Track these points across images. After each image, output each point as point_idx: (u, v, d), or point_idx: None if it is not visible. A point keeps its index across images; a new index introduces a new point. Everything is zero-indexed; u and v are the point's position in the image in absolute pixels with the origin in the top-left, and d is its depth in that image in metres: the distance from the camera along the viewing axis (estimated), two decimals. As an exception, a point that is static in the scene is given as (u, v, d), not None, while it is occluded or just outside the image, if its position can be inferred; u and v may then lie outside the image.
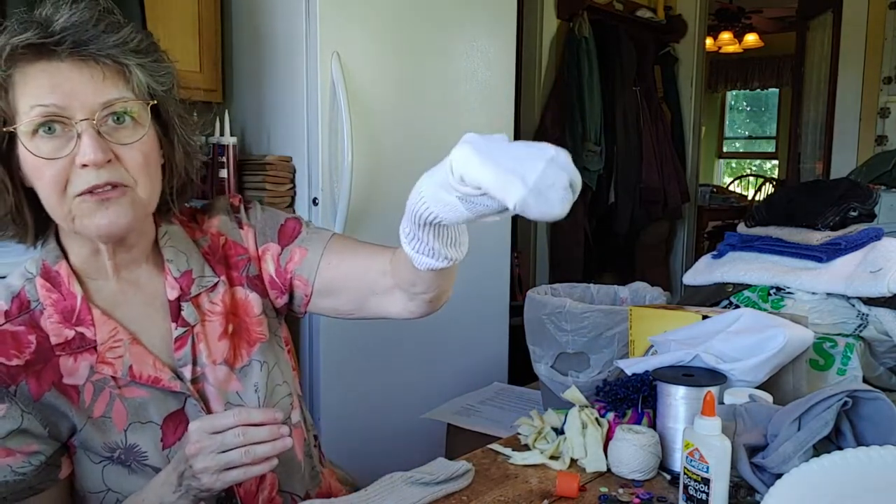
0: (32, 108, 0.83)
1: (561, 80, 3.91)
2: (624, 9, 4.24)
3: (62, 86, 0.83)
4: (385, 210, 2.17)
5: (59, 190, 0.85)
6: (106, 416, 0.91)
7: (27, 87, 0.84)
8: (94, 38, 0.85)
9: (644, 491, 1.00)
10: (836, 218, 1.48)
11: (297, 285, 1.05)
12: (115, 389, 0.91)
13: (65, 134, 0.84)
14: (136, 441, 0.92)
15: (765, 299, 1.46)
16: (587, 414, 1.13)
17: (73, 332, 0.90)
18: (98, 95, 0.85)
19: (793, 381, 1.17)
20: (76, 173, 0.85)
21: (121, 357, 0.92)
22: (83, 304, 0.92)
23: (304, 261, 1.05)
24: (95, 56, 0.85)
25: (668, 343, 1.20)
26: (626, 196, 4.22)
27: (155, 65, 0.91)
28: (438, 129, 2.33)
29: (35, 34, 0.83)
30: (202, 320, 0.98)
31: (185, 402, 0.95)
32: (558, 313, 1.38)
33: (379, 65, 2.15)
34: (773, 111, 9.22)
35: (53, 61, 0.84)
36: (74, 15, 0.85)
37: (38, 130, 0.84)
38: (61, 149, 0.84)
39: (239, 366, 0.99)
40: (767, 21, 7.72)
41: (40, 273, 0.92)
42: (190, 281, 0.98)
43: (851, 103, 4.38)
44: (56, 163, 0.84)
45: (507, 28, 2.55)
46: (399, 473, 0.98)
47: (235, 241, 1.05)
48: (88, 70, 0.85)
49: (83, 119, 0.84)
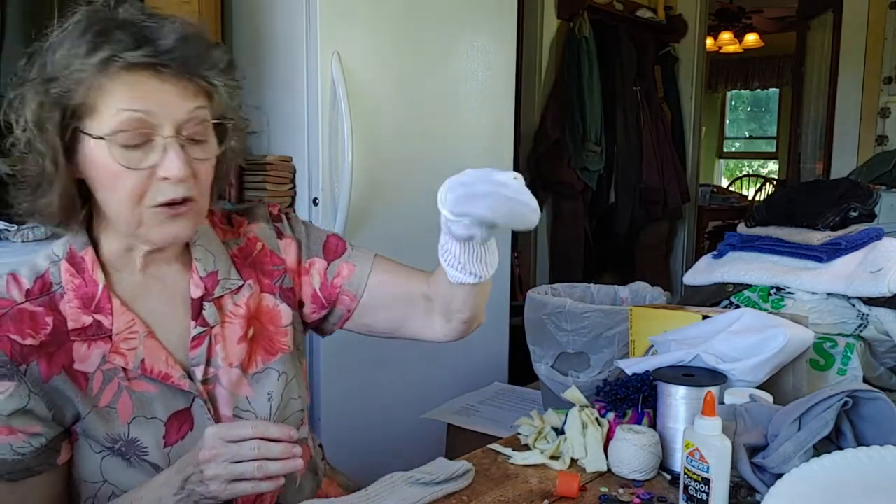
0: (119, 111, 0.84)
1: (561, 81, 3.90)
2: (624, 9, 4.23)
3: (153, 95, 0.85)
4: (385, 210, 2.17)
5: (135, 199, 0.87)
6: (111, 406, 0.91)
7: (116, 92, 0.84)
8: (194, 58, 0.87)
9: (644, 491, 1.00)
10: (836, 218, 1.48)
11: (343, 300, 1.08)
12: (123, 381, 0.92)
13: (147, 145, 0.86)
14: (139, 435, 0.92)
15: (765, 299, 1.46)
16: (587, 414, 1.13)
17: (91, 318, 0.91)
18: (184, 111, 0.87)
19: (793, 381, 1.17)
20: (156, 185, 0.87)
21: (134, 349, 0.92)
22: (104, 292, 0.92)
23: (352, 276, 1.08)
24: (191, 74, 0.87)
25: (669, 343, 1.20)
26: (627, 196, 4.22)
27: (234, 83, 0.94)
28: (438, 130, 2.33)
29: (145, 53, 0.84)
30: (222, 322, 0.98)
31: (193, 402, 0.95)
32: (558, 313, 1.38)
33: (379, 65, 2.14)
34: (773, 111, 9.22)
35: (148, 73, 0.85)
36: (176, 34, 0.86)
37: (124, 138, 0.85)
38: (143, 160, 0.86)
39: (252, 371, 1.00)
40: (767, 21, 7.72)
41: (66, 257, 0.93)
42: (215, 282, 0.99)
43: (851, 103, 4.38)
44: (137, 173, 0.86)
45: (507, 28, 2.55)
46: (399, 473, 0.98)
47: (273, 251, 1.06)
48: (179, 86, 0.87)
49: (169, 134, 0.86)
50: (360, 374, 2.17)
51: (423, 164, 2.28)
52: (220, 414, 0.96)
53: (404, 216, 2.22)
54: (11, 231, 1.62)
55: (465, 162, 2.68)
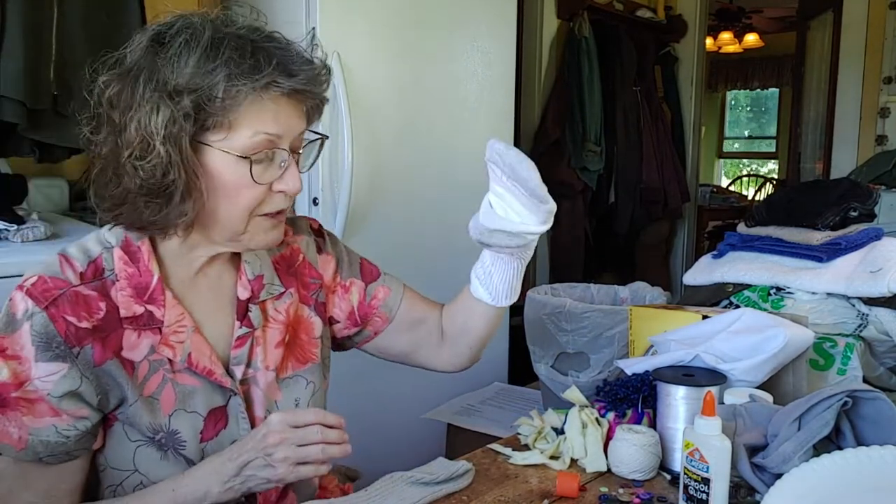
0: (257, 133, 0.88)
1: (561, 80, 3.90)
2: (624, 9, 4.23)
3: (282, 116, 0.90)
4: (385, 210, 2.17)
5: (250, 209, 0.91)
6: (155, 397, 0.92)
7: (256, 115, 0.87)
8: (318, 82, 0.93)
9: (644, 491, 1.00)
10: (836, 218, 1.48)
11: (375, 322, 1.14)
12: (168, 373, 0.93)
13: (268, 159, 0.90)
14: (179, 428, 0.93)
15: (765, 299, 1.46)
16: (587, 414, 1.13)
17: (143, 308, 0.92)
18: (300, 128, 0.94)
19: (793, 381, 1.17)
20: (270, 196, 0.92)
21: (182, 343, 0.93)
22: (158, 283, 0.93)
23: (386, 299, 1.15)
24: (309, 95, 0.92)
25: (668, 343, 1.20)
26: (626, 196, 4.22)
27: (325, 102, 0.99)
28: (439, 129, 2.33)
29: (300, 81, 0.88)
30: (264, 325, 1.01)
31: (229, 400, 0.97)
32: (558, 313, 1.38)
33: (379, 65, 2.15)
34: (773, 111, 9.22)
35: (289, 100, 0.90)
36: (311, 68, 0.91)
37: (256, 156, 0.89)
38: (265, 174, 0.90)
39: (283, 376, 1.02)
40: (767, 21, 7.72)
41: (120, 245, 0.93)
42: (261, 286, 1.02)
43: (851, 103, 4.38)
44: (259, 187, 0.90)
45: (507, 28, 2.55)
46: (399, 473, 0.98)
47: (311, 264, 1.10)
48: (303, 107, 0.93)
49: (293, 152, 0.93)
50: (361, 373, 2.17)
51: (422, 165, 2.28)
52: (253, 414, 0.98)
53: (404, 216, 2.22)
54: (11, 231, 1.62)
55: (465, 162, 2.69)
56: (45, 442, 0.86)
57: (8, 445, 0.86)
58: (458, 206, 2.38)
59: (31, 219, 1.68)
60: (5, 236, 1.61)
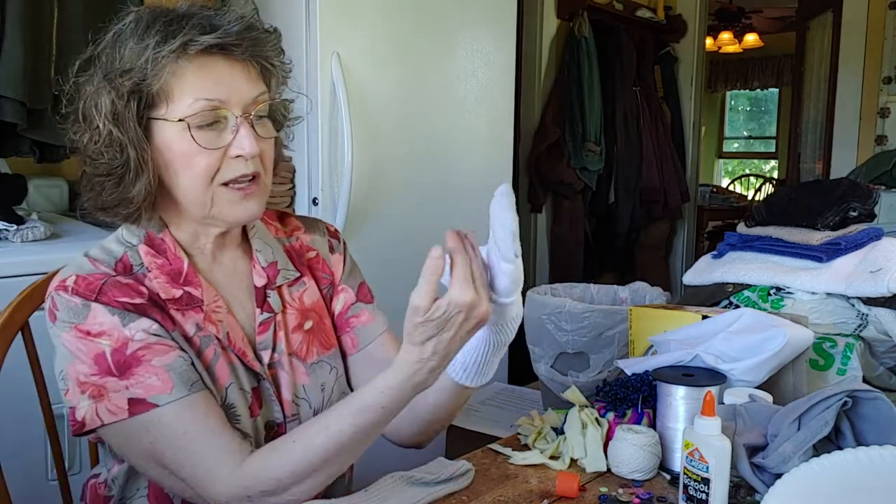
0: (197, 100, 0.88)
1: (561, 80, 3.90)
2: (624, 9, 4.23)
3: (223, 80, 0.89)
4: (385, 210, 2.17)
5: (208, 178, 0.91)
6: (211, 369, 0.93)
7: (188, 80, 0.88)
8: (262, 41, 0.93)
9: (644, 491, 1.00)
10: (836, 218, 1.48)
11: (346, 341, 1.10)
12: (218, 348, 0.94)
13: (220, 126, 0.90)
14: (234, 401, 0.94)
15: (765, 299, 1.46)
16: (587, 414, 1.13)
17: (181, 291, 0.94)
18: (251, 92, 0.92)
19: (793, 381, 1.17)
20: (227, 163, 0.91)
21: (221, 322, 0.96)
22: (190, 267, 0.96)
23: (367, 326, 1.11)
24: (255, 57, 0.92)
25: (668, 343, 1.20)
26: (626, 196, 4.22)
27: (285, 67, 0.99)
28: (438, 129, 2.33)
29: (216, 37, 0.88)
30: (283, 310, 1.03)
31: (260, 382, 0.98)
32: (558, 313, 1.38)
33: (379, 65, 2.14)
34: (773, 111, 9.22)
35: (218, 58, 0.89)
36: (244, 22, 0.91)
37: (201, 121, 0.89)
38: (216, 140, 0.90)
39: (310, 361, 1.03)
40: (767, 21, 7.73)
41: (144, 241, 0.95)
42: (276, 272, 1.03)
43: (851, 103, 4.38)
44: (212, 153, 0.90)
45: (507, 28, 2.55)
46: (399, 473, 0.98)
47: (325, 260, 1.11)
48: (245, 69, 0.91)
49: (242, 114, 0.91)
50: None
51: (422, 165, 2.28)
52: (282, 398, 0.99)
53: (404, 216, 2.22)
54: (11, 231, 1.62)
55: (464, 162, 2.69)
56: (183, 371, 0.88)
57: (159, 394, 0.87)
58: (458, 206, 2.39)
59: (31, 219, 1.68)
60: (5, 236, 1.61)
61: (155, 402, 0.86)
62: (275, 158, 1.02)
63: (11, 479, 1.07)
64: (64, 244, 1.66)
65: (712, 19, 6.37)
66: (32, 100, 1.74)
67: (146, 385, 0.86)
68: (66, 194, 2.08)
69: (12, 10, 1.71)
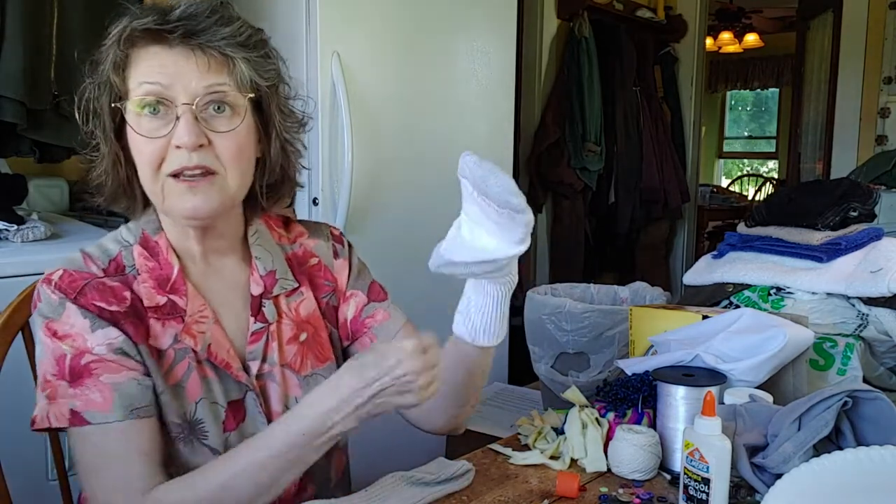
0: (140, 84, 0.88)
1: (561, 80, 3.90)
2: (624, 9, 4.23)
3: (168, 68, 0.88)
4: (385, 210, 2.17)
5: (154, 168, 0.90)
6: (181, 384, 0.92)
7: (139, 67, 0.89)
8: (206, 29, 0.89)
9: (644, 491, 1.00)
10: (836, 218, 1.48)
11: (364, 342, 1.08)
12: (193, 361, 0.93)
13: (166, 116, 0.89)
14: (203, 417, 0.93)
15: (765, 299, 1.46)
16: (587, 414, 1.13)
17: (166, 298, 0.93)
18: (201, 82, 0.89)
19: (793, 381, 1.17)
20: (171, 153, 0.89)
21: (203, 333, 0.94)
22: (179, 274, 0.95)
23: (384, 324, 1.09)
24: (203, 46, 0.89)
25: (668, 343, 1.20)
26: (626, 196, 4.22)
27: (261, 60, 0.94)
28: (438, 129, 2.33)
29: (153, 20, 0.88)
30: (278, 321, 1.01)
31: (246, 394, 0.97)
32: (558, 313, 1.38)
33: (379, 65, 2.14)
34: (773, 111, 9.22)
35: (165, 46, 0.89)
36: (191, 7, 0.90)
37: (144, 109, 0.89)
38: (161, 129, 0.89)
39: (303, 374, 1.01)
40: (767, 21, 7.73)
41: (139, 241, 0.96)
42: (273, 281, 1.01)
43: (851, 103, 4.38)
44: (155, 142, 0.89)
45: (507, 28, 2.55)
46: (400, 473, 0.98)
47: (327, 267, 1.09)
48: (195, 58, 0.89)
49: (184, 103, 0.88)
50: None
51: (422, 165, 2.28)
52: (271, 409, 0.98)
53: (404, 216, 2.22)
54: (11, 231, 1.62)
55: (465, 162, 2.65)
56: (130, 394, 0.87)
57: (96, 412, 0.86)
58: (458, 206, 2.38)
59: (31, 219, 1.68)
60: (5, 236, 1.61)
61: (89, 419, 0.86)
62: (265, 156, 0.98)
63: (11, 479, 1.07)
64: (64, 244, 1.66)
65: (712, 19, 6.37)
66: (32, 100, 1.74)
67: (87, 399, 0.86)
68: (66, 194, 2.08)
69: (12, 11, 1.71)
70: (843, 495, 0.79)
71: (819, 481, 0.79)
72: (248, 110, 0.93)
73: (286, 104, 1.01)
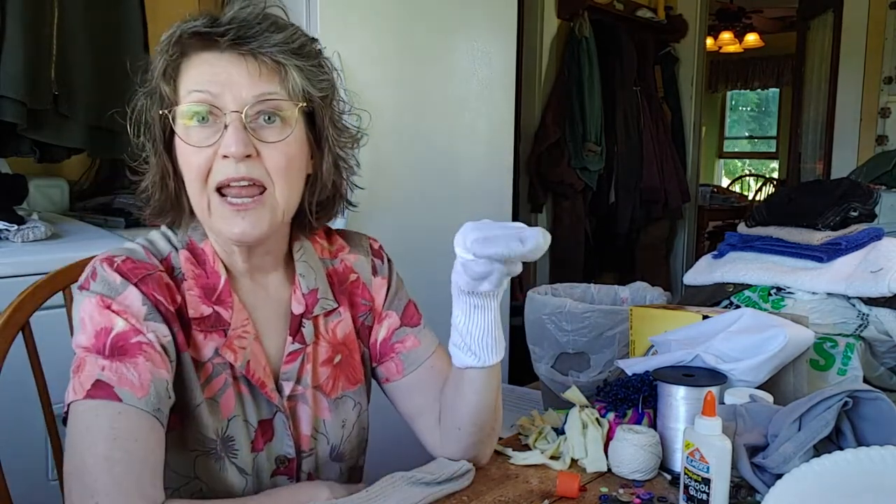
0: (189, 93, 0.86)
1: (561, 80, 3.91)
2: (624, 9, 4.24)
3: (219, 75, 0.85)
4: (385, 209, 2.17)
5: (201, 179, 0.86)
6: (216, 399, 0.90)
7: (189, 74, 0.86)
8: (257, 35, 0.86)
9: (644, 491, 1.00)
10: (836, 218, 1.49)
11: (390, 368, 1.04)
12: (230, 377, 0.91)
13: (214, 124, 0.85)
14: (234, 434, 0.91)
15: (765, 299, 1.46)
16: (587, 414, 1.13)
17: (211, 310, 0.90)
18: (251, 89, 0.85)
19: (793, 381, 1.17)
20: (217, 163, 0.85)
21: (244, 349, 0.91)
22: (226, 285, 0.92)
23: (412, 351, 1.04)
24: (255, 52, 0.86)
25: (669, 343, 1.20)
26: (627, 196, 4.23)
27: (314, 69, 0.90)
28: (439, 129, 2.33)
29: (203, 23, 0.85)
30: (315, 342, 0.98)
31: (275, 415, 0.94)
32: (559, 313, 1.38)
33: (379, 65, 2.14)
34: (774, 111, 9.22)
35: (215, 52, 0.86)
36: (243, 11, 0.87)
37: (192, 119, 0.86)
38: (209, 138, 0.85)
39: (334, 396, 1.00)
40: (767, 21, 7.73)
41: (186, 247, 0.93)
42: (315, 300, 0.98)
43: (851, 103, 4.38)
44: (202, 151, 0.85)
45: (507, 28, 2.55)
46: (400, 473, 0.98)
47: (366, 285, 1.05)
48: (247, 65, 0.85)
49: (233, 111, 0.85)
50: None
51: (422, 164, 2.28)
52: (299, 432, 0.96)
53: (404, 216, 2.21)
54: (11, 231, 1.61)
55: (465, 162, 2.68)
56: (160, 395, 0.83)
57: (129, 391, 0.81)
58: (458, 206, 2.39)
59: (32, 219, 1.68)
60: (5, 236, 1.61)
61: (121, 395, 0.80)
62: (317, 171, 0.95)
63: (11, 479, 1.07)
64: (64, 244, 1.65)
65: (713, 19, 6.37)
66: (32, 100, 1.74)
67: (123, 376, 0.81)
68: (66, 194, 2.08)
69: (13, 11, 1.71)
70: (843, 495, 0.79)
71: (819, 481, 0.79)
72: (300, 121, 0.89)
73: (340, 118, 0.97)
